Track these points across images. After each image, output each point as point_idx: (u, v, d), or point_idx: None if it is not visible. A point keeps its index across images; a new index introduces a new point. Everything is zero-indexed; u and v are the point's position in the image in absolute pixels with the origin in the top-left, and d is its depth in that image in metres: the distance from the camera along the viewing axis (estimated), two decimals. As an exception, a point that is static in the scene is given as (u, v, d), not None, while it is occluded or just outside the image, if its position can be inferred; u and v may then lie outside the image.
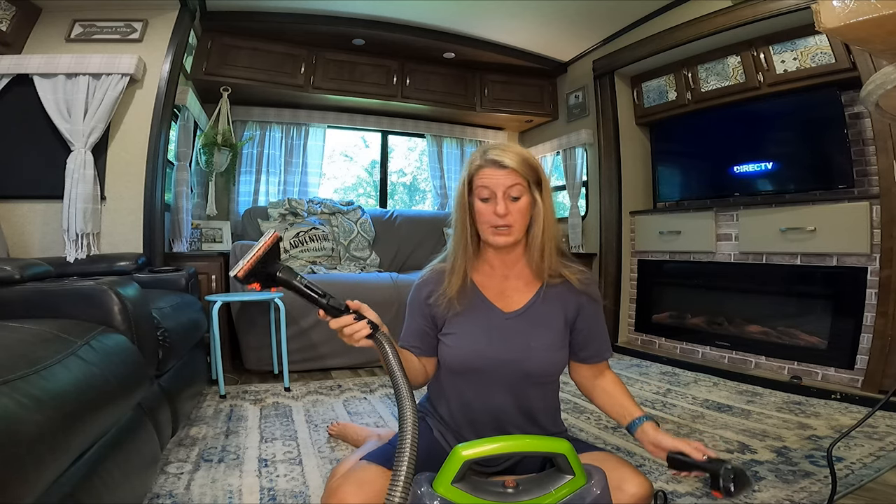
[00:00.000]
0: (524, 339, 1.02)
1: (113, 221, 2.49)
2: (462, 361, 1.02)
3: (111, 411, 0.96)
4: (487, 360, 1.01)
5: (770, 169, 2.78)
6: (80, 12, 2.52)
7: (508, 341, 1.02)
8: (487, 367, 1.01)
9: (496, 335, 1.02)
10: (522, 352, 1.01)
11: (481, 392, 1.03)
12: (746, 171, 2.86)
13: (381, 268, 3.47)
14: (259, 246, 0.79)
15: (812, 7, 0.72)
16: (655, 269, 3.27)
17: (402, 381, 0.77)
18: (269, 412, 1.99)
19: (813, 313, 2.51)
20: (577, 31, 3.39)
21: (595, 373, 1.10)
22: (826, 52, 2.42)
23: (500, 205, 0.97)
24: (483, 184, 0.99)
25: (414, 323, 1.07)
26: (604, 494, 0.78)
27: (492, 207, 0.98)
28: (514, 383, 1.02)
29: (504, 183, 0.97)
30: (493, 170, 0.98)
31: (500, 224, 0.98)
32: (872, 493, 1.29)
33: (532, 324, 1.04)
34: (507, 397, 1.03)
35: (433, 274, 1.08)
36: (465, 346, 1.02)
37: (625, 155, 3.47)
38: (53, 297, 1.20)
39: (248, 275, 0.78)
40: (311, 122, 3.79)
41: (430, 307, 1.05)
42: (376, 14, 3.17)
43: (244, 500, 1.27)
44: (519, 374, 1.01)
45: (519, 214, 0.99)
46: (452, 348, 1.03)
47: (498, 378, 1.02)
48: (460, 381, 1.05)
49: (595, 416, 1.97)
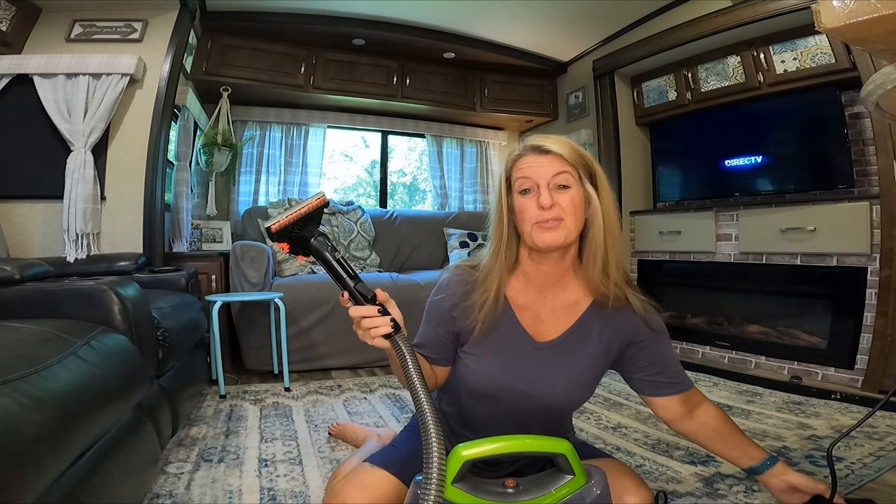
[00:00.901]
0: (552, 374, 0.90)
1: (113, 221, 2.49)
2: (480, 387, 0.93)
3: (111, 411, 0.95)
4: (507, 391, 0.91)
5: (770, 169, 2.78)
6: (80, 12, 2.52)
7: (534, 375, 0.90)
8: (506, 398, 0.92)
9: (521, 367, 0.90)
10: (547, 388, 0.90)
11: (494, 416, 0.96)
12: (746, 171, 2.86)
13: (381, 268, 3.47)
14: (303, 205, 0.72)
15: (812, 7, 0.72)
16: (655, 269, 3.27)
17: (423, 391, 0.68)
18: (269, 412, 1.99)
19: (813, 313, 2.51)
20: (577, 31, 3.39)
21: (685, 409, 0.94)
22: (826, 52, 2.42)
23: (543, 194, 0.81)
24: (523, 174, 0.84)
25: (433, 332, 0.93)
26: (604, 494, 0.78)
27: (534, 200, 0.82)
28: (531, 414, 0.94)
29: (548, 171, 0.82)
30: (534, 157, 0.84)
31: (547, 218, 0.81)
32: (872, 493, 1.29)
33: (564, 357, 0.90)
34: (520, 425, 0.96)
35: (460, 279, 0.93)
36: (485, 372, 0.91)
37: (625, 155, 3.47)
38: (53, 297, 1.20)
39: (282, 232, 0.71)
40: (311, 122, 3.78)
41: (455, 320, 0.91)
42: (376, 14, 3.17)
43: (244, 500, 1.27)
44: (538, 408, 0.93)
45: (570, 207, 0.81)
46: (472, 371, 0.92)
47: (515, 408, 0.93)
48: (474, 402, 0.97)
49: (595, 416, 1.97)
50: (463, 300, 0.90)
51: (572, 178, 0.83)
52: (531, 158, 0.84)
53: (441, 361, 0.94)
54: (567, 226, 0.82)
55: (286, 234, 0.72)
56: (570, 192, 0.82)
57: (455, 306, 0.91)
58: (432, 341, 0.93)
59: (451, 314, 0.91)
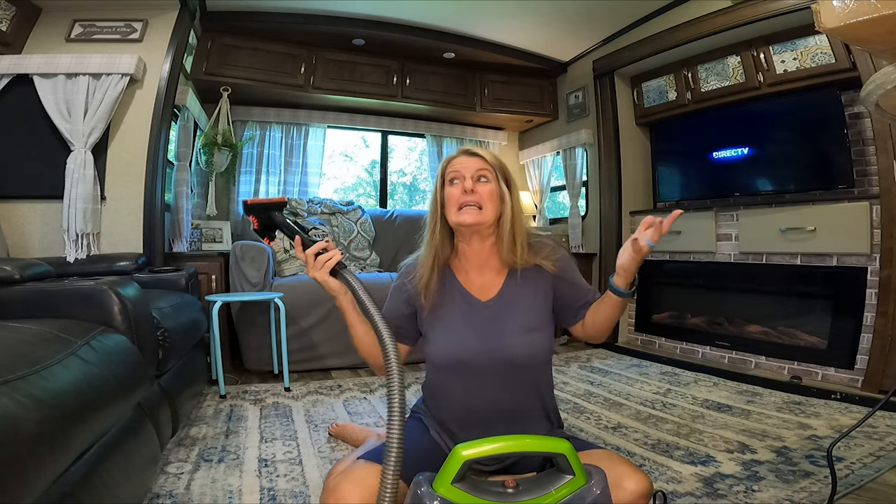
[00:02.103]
0: (503, 324, 1.04)
1: (113, 221, 2.49)
2: (443, 355, 1.04)
3: (111, 411, 0.96)
4: (469, 350, 1.02)
5: (770, 169, 2.78)
6: (80, 12, 2.52)
7: (485, 330, 1.03)
8: (471, 358, 1.02)
9: (473, 325, 1.04)
10: (500, 338, 1.02)
11: (468, 386, 1.03)
12: (746, 171, 2.86)
13: (381, 268, 3.47)
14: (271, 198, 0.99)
15: (812, 7, 0.72)
16: (655, 269, 3.27)
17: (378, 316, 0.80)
18: (269, 412, 1.99)
19: (813, 313, 2.51)
20: (577, 31, 3.39)
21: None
22: (826, 52, 2.43)
23: (467, 181, 1.03)
24: (454, 169, 1.06)
25: (392, 306, 1.12)
26: (604, 494, 0.78)
27: (460, 187, 1.03)
28: (498, 373, 1.02)
29: (472, 167, 1.04)
30: (463, 157, 1.07)
31: (468, 201, 1.02)
32: (872, 493, 1.29)
33: (509, 306, 1.06)
34: (495, 390, 1.02)
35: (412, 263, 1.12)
36: (446, 339, 1.04)
37: (625, 155, 3.47)
38: (53, 297, 1.20)
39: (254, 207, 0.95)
40: (311, 122, 3.78)
41: (409, 296, 1.09)
42: (376, 14, 3.17)
43: (244, 500, 1.27)
44: (500, 362, 1.02)
45: (487, 195, 1.03)
46: (433, 343, 1.06)
47: (481, 370, 1.02)
48: (449, 377, 1.05)
49: (595, 416, 1.97)
50: (410, 277, 1.09)
51: (491, 176, 1.05)
52: (461, 158, 1.07)
53: (402, 338, 1.10)
54: (485, 212, 1.03)
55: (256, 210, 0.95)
56: (489, 185, 1.04)
57: (407, 282, 1.09)
58: (392, 314, 1.10)
59: (404, 290, 1.10)
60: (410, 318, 1.11)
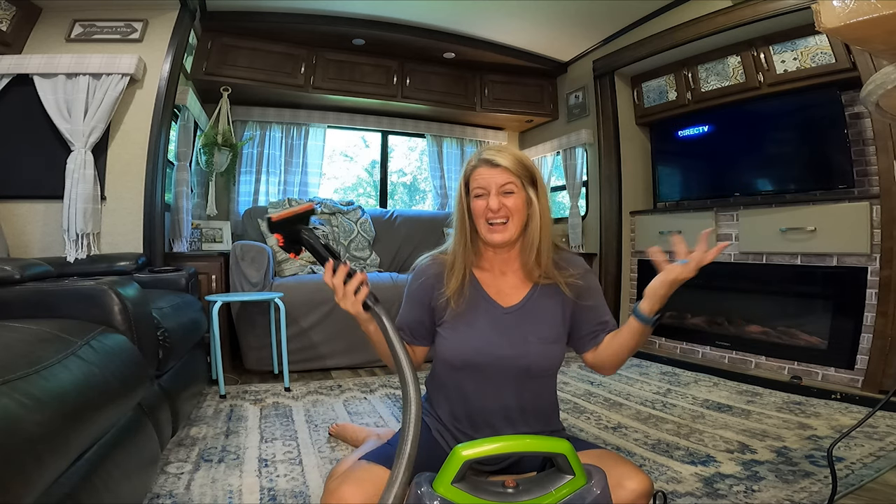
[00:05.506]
0: (522, 333, 1.03)
1: (113, 221, 2.48)
2: (461, 356, 1.03)
3: (111, 411, 0.96)
4: (486, 355, 1.02)
5: (770, 169, 2.78)
6: (80, 12, 2.52)
7: (506, 336, 1.03)
8: (486, 363, 1.02)
9: (494, 330, 1.04)
10: (520, 346, 1.02)
11: (480, 388, 1.04)
12: (746, 171, 2.86)
13: (381, 268, 3.47)
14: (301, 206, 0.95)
15: (812, 7, 0.72)
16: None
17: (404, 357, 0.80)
18: (269, 412, 1.99)
19: (813, 313, 2.51)
20: (577, 31, 3.39)
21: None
22: (826, 52, 2.42)
23: (492, 199, 1.01)
24: (478, 183, 1.03)
25: (411, 314, 1.10)
26: (604, 494, 0.78)
27: (485, 203, 1.02)
28: (513, 379, 1.03)
29: (497, 181, 1.01)
30: (486, 168, 1.03)
31: (495, 219, 1.01)
32: (873, 493, 1.29)
33: (530, 317, 1.05)
34: (506, 394, 1.03)
35: (434, 265, 1.10)
36: (463, 341, 1.03)
37: (625, 155, 3.47)
38: (53, 297, 1.20)
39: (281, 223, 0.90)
40: (311, 122, 3.78)
41: (432, 300, 1.07)
42: (376, 14, 3.17)
43: (244, 500, 1.27)
44: (517, 369, 1.02)
45: (514, 208, 1.01)
46: (451, 343, 1.04)
47: (496, 373, 1.02)
48: (459, 376, 1.05)
49: (595, 416, 1.97)
50: (437, 282, 1.07)
51: (517, 186, 1.02)
52: (483, 170, 1.03)
53: (418, 341, 1.10)
54: (511, 227, 1.02)
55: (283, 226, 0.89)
56: (514, 197, 1.02)
57: (432, 287, 1.07)
58: (409, 322, 1.09)
59: (428, 295, 1.08)
60: (429, 320, 1.10)
